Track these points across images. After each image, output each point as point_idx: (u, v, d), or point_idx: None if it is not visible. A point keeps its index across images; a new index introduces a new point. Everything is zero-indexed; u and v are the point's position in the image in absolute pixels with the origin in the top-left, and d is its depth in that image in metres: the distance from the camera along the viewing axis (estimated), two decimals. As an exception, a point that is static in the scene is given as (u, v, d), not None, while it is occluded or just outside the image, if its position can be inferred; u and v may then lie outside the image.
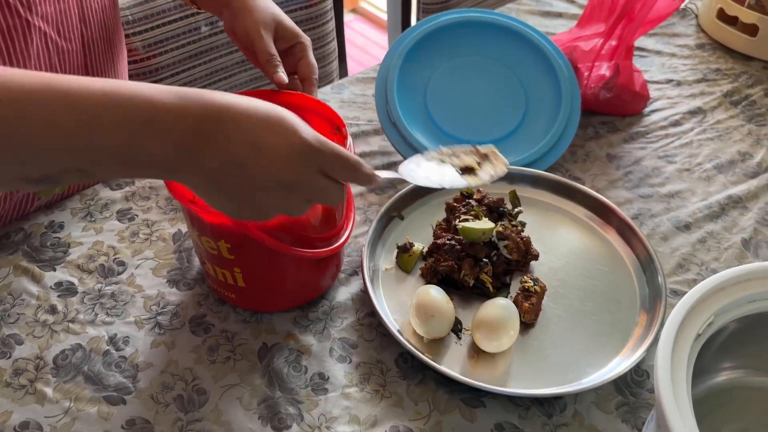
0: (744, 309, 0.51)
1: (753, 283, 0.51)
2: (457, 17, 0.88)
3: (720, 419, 0.55)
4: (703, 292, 0.50)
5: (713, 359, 0.54)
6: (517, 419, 0.57)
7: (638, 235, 0.70)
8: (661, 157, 0.86)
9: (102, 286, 0.67)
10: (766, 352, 0.55)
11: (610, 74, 0.88)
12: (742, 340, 0.54)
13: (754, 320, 0.52)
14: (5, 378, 0.60)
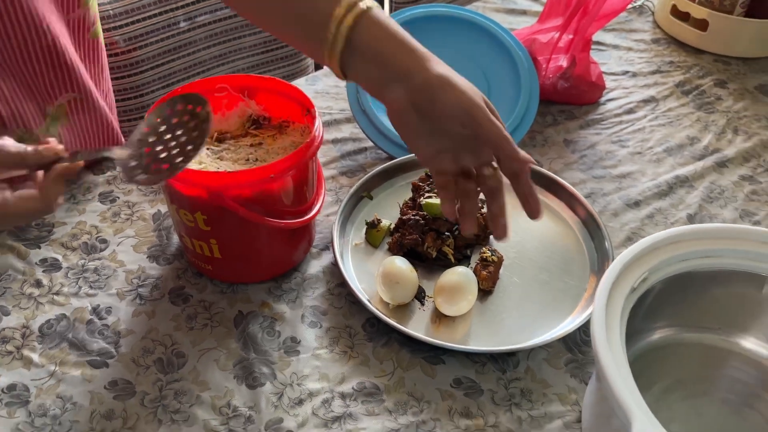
0: (676, 267, 0.56)
1: (685, 243, 0.57)
2: (423, 11, 0.93)
3: (657, 373, 0.60)
4: (638, 251, 0.55)
5: (646, 319, 0.59)
6: (474, 374, 0.62)
7: (588, 209, 0.76)
8: (615, 142, 0.92)
9: (85, 261, 0.71)
10: (695, 308, 0.60)
11: (567, 65, 0.94)
12: (671, 300, 0.59)
13: (684, 279, 0.57)
14: (-7, 346, 0.63)
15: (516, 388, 0.61)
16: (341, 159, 0.87)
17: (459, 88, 0.50)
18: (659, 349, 0.61)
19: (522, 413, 0.59)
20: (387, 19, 0.52)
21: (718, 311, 0.60)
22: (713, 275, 0.57)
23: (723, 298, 0.59)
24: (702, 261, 0.57)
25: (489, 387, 0.61)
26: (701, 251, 0.57)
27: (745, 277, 0.57)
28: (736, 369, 0.59)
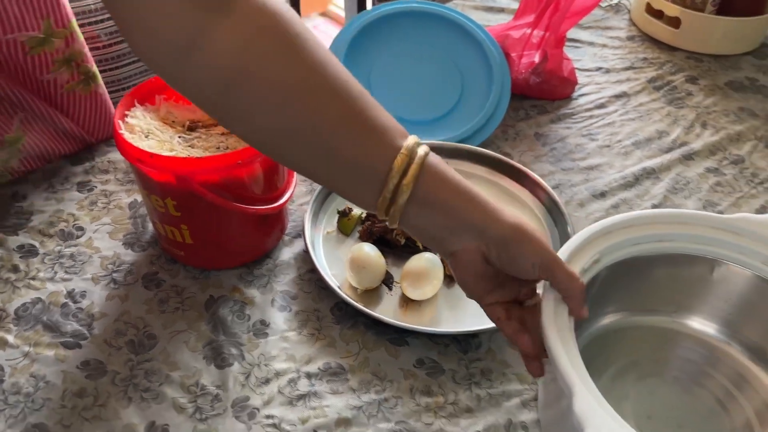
0: (627, 251, 0.58)
1: (637, 228, 0.59)
2: (400, 7, 0.95)
3: (611, 356, 0.61)
4: (589, 234, 0.57)
5: (598, 304, 0.59)
6: (436, 355, 0.64)
7: (552, 197, 0.78)
8: (585, 135, 0.94)
9: (62, 248, 0.73)
10: (646, 292, 0.61)
11: (538, 60, 0.96)
12: (622, 284, 0.60)
13: (635, 263, 0.58)
14: (-30, 328, 0.65)
15: (476, 368, 0.63)
16: (317, 151, 0.89)
17: (535, 241, 0.48)
18: (613, 332, 0.62)
19: (481, 391, 0.61)
20: (443, 163, 0.48)
21: (668, 294, 0.62)
22: (663, 259, 0.59)
23: (673, 281, 0.61)
24: (653, 245, 0.58)
25: (450, 367, 0.63)
26: (652, 235, 0.58)
27: (694, 261, 0.59)
28: (685, 349, 0.61)
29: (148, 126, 0.65)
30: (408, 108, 0.91)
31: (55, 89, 0.78)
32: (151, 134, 0.65)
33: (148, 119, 0.66)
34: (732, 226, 0.58)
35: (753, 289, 0.59)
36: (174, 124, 0.68)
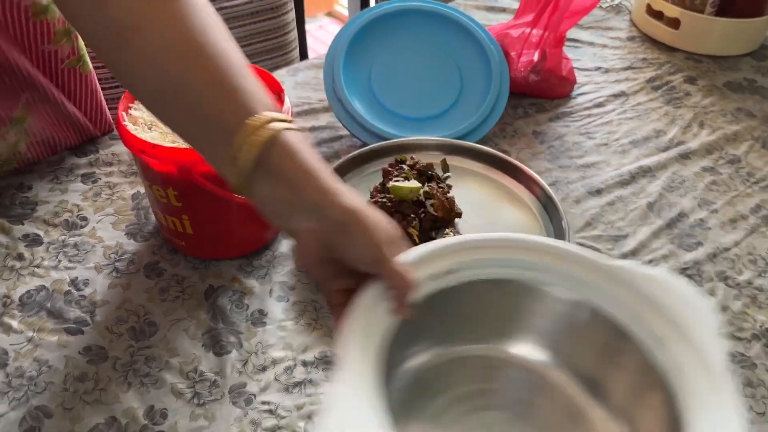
0: (444, 280, 0.52)
1: (455, 254, 0.53)
2: (401, 6, 0.96)
3: (439, 389, 0.54)
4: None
5: (414, 337, 0.54)
6: (430, 346, 0.65)
7: (547, 193, 0.79)
8: (582, 134, 0.95)
9: (66, 237, 0.74)
10: (460, 321, 0.55)
11: (537, 59, 0.97)
12: (441, 313, 0.54)
13: (443, 294, 0.53)
14: (-25, 314, 0.67)
15: (470, 359, 0.65)
16: (317, 146, 0.91)
17: (369, 231, 0.46)
18: (439, 365, 0.55)
19: (473, 382, 0.63)
20: (304, 143, 0.48)
21: (483, 321, 0.56)
22: (469, 287, 0.53)
23: (484, 308, 0.55)
24: (477, 271, 0.53)
25: (444, 358, 0.64)
26: (477, 261, 0.53)
27: (498, 285, 0.54)
28: (511, 376, 0.56)
29: (151, 118, 0.67)
30: (407, 105, 0.92)
31: (56, 63, 0.79)
32: (154, 126, 0.67)
33: (151, 112, 0.68)
34: (556, 251, 0.53)
35: (580, 315, 0.53)
36: (176, 116, 0.69)
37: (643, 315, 0.49)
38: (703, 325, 0.47)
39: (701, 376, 0.44)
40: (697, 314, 0.47)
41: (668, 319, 0.48)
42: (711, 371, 0.44)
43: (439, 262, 0.52)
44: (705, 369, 0.44)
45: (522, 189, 0.82)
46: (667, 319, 0.48)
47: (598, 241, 0.78)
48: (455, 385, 0.55)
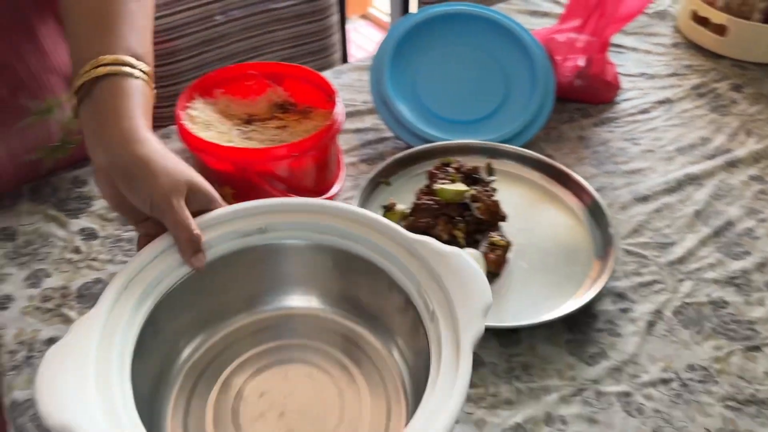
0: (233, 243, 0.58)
1: (240, 221, 0.58)
2: (446, 9, 0.97)
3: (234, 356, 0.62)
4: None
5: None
6: (477, 348, 0.66)
7: (595, 198, 0.79)
8: (627, 140, 0.95)
9: (120, 232, 0.77)
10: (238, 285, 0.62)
11: (583, 65, 0.97)
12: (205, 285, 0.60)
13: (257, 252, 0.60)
14: (35, 303, 0.69)
15: (517, 362, 0.65)
16: (362, 147, 0.92)
17: (155, 178, 0.49)
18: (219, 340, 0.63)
19: (521, 385, 0.63)
20: (143, 91, 0.53)
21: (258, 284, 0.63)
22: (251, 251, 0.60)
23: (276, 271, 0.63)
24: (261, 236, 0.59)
25: (491, 360, 0.65)
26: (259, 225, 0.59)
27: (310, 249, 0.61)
28: (303, 328, 0.64)
29: (208, 118, 0.68)
30: (452, 108, 0.93)
31: None
32: (211, 126, 0.68)
33: (208, 112, 0.69)
34: (368, 221, 0.59)
35: (381, 279, 0.59)
36: (232, 117, 0.71)
37: (425, 286, 0.55)
38: (471, 305, 0.53)
39: (450, 351, 0.50)
40: (470, 293, 0.53)
41: (444, 294, 0.54)
42: (459, 349, 0.50)
43: (251, 220, 0.58)
44: (455, 347, 0.50)
45: (568, 194, 0.82)
46: (444, 293, 0.54)
47: (645, 248, 0.78)
48: (242, 353, 0.61)
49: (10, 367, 0.64)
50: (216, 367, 0.61)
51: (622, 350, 0.67)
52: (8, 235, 0.76)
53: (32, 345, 0.66)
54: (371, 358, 0.62)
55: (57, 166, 0.83)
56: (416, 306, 0.55)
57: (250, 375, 0.60)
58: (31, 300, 0.69)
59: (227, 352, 0.62)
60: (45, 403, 0.44)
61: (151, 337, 0.55)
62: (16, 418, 0.60)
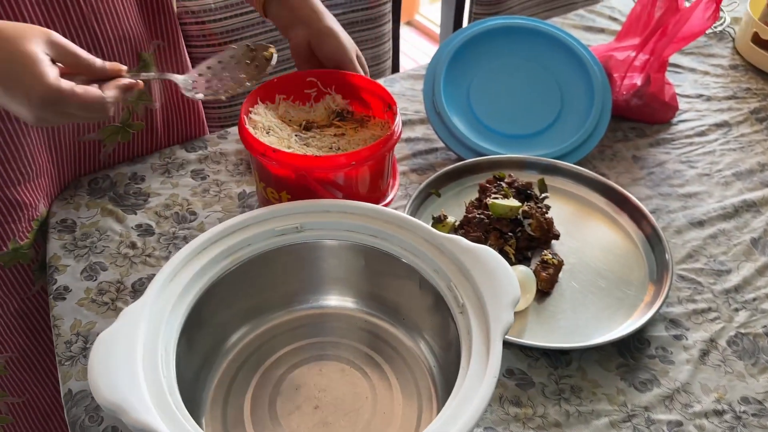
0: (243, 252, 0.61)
1: (277, 220, 0.62)
2: (502, 22, 0.96)
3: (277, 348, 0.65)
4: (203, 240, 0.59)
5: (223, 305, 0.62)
6: (526, 367, 0.65)
7: (651, 222, 0.77)
8: (684, 162, 0.93)
9: (176, 230, 0.78)
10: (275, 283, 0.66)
11: (641, 83, 0.95)
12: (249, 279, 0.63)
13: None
14: (91, 296, 0.71)
15: (566, 384, 0.64)
16: (413, 157, 0.92)
17: (338, 40, 0.72)
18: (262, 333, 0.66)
19: (570, 408, 0.62)
20: None
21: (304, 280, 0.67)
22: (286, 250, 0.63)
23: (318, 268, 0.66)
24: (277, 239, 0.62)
25: (540, 380, 0.64)
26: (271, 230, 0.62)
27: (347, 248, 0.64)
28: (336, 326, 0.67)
29: (269, 123, 0.69)
30: (506, 122, 0.92)
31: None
32: (271, 131, 0.69)
33: (269, 116, 0.70)
34: (398, 221, 0.62)
35: (413, 278, 0.61)
36: (291, 122, 0.72)
37: (455, 281, 0.57)
38: (500, 298, 0.54)
39: (481, 342, 0.52)
40: (498, 287, 0.55)
41: (474, 288, 0.56)
42: (489, 338, 0.52)
43: (288, 220, 0.62)
44: (485, 336, 0.52)
45: (622, 215, 0.81)
46: (473, 288, 0.56)
47: (700, 275, 0.76)
48: (280, 348, 0.65)
49: (66, 357, 0.66)
50: (255, 360, 0.64)
51: (674, 378, 0.66)
52: (67, 227, 0.78)
53: (87, 337, 0.67)
54: (402, 355, 0.65)
55: (115, 156, 0.84)
56: (446, 301, 0.57)
57: (287, 369, 0.63)
58: (87, 292, 0.71)
59: (266, 346, 0.65)
60: (98, 384, 0.47)
61: (197, 327, 0.58)
62: (71, 409, 0.62)
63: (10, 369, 0.83)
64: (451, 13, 1.50)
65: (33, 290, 0.80)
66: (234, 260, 0.60)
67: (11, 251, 0.76)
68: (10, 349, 0.82)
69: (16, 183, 0.74)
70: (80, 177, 0.83)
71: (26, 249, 0.77)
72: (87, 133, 0.79)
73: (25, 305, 0.80)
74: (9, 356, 0.82)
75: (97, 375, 0.47)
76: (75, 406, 0.62)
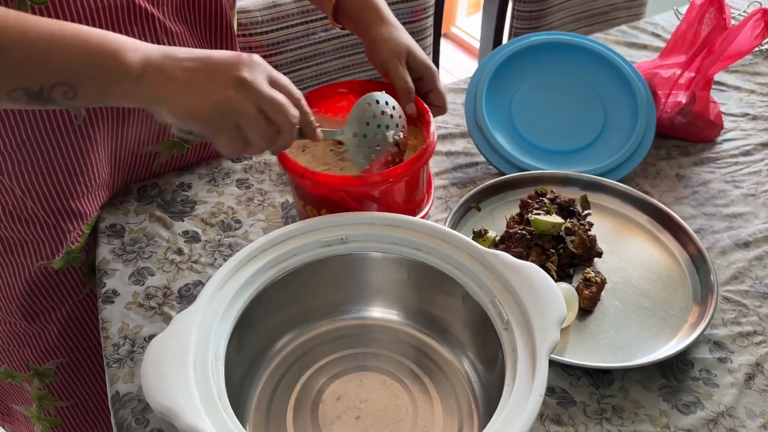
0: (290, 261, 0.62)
1: (323, 231, 0.63)
2: (545, 38, 0.97)
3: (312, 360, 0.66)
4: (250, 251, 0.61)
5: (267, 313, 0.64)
6: (567, 386, 0.65)
7: (696, 243, 0.77)
8: (728, 182, 0.92)
9: (221, 237, 0.80)
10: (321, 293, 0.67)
11: (686, 101, 0.95)
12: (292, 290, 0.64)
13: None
14: (139, 300, 0.73)
15: (608, 404, 0.64)
16: (453, 171, 0.92)
17: (383, 48, 0.72)
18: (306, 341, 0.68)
19: (612, 428, 0.62)
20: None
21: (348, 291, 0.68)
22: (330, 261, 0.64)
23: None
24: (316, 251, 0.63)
25: (581, 399, 0.64)
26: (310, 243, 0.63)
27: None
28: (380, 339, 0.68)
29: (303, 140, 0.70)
30: (548, 138, 0.92)
31: None
32: (306, 147, 0.70)
33: (303, 132, 0.71)
34: (444, 236, 0.62)
35: (456, 293, 0.62)
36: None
37: (499, 297, 0.57)
38: (546, 315, 0.54)
39: (526, 360, 0.52)
40: (544, 304, 0.55)
41: (519, 304, 0.56)
42: (535, 355, 0.52)
43: (334, 231, 0.63)
44: (531, 353, 0.52)
45: (666, 234, 0.80)
46: (518, 304, 0.56)
47: (745, 297, 0.75)
48: (323, 357, 0.66)
49: (114, 360, 0.67)
50: (298, 368, 0.65)
51: (718, 401, 0.65)
52: (116, 232, 0.80)
53: (134, 340, 0.69)
54: (443, 370, 0.65)
55: (166, 166, 0.86)
56: (490, 317, 0.57)
57: (329, 378, 0.64)
58: (135, 296, 0.73)
59: (309, 354, 0.66)
60: (151, 387, 0.48)
61: (246, 331, 0.60)
62: (117, 410, 0.63)
63: (60, 374, 0.85)
64: (492, 27, 1.50)
65: (83, 293, 0.83)
66: (281, 269, 0.61)
67: (64, 255, 0.78)
68: (62, 354, 0.84)
69: (80, 195, 0.76)
70: (131, 184, 0.85)
71: (78, 252, 0.79)
72: (146, 146, 0.82)
73: (76, 308, 0.83)
74: (60, 362, 0.84)
75: (150, 379, 0.49)
76: (122, 408, 0.63)
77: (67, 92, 0.52)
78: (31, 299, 0.79)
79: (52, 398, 0.86)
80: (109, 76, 0.53)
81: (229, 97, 0.54)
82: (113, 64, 0.52)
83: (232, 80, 0.54)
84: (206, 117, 0.54)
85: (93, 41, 0.52)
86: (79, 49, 0.52)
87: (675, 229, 0.80)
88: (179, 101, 0.54)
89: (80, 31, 0.53)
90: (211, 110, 0.54)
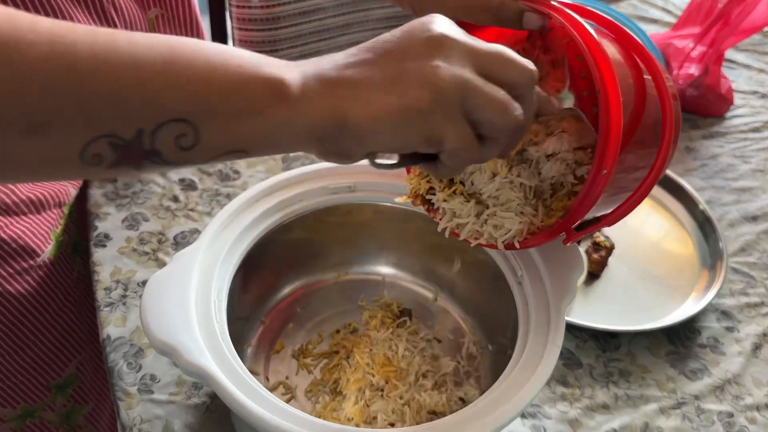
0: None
1: (331, 178, 0.61)
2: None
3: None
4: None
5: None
6: (574, 348, 0.63)
7: (705, 212, 0.75)
8: (737, 157, 0.90)
9: (219, 187, 0.77)
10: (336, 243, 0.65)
11: (698, 74, 0.93)
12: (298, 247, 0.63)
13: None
14: (132, 245, 0.70)
15: (615, 367, 0.62)
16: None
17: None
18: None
19: (619, 391, 0.60)
20: None
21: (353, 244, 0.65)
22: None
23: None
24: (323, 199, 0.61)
25: (588, 362, 0.62)
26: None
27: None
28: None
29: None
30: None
31: None
32: None
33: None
34: None
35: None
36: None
37: (513, 253, 0.55)
38: (562, 272, 0.52)
39: (540, 315, 0.51)
40: (561, 261, 0.53)
41: (533, 258, 0.54)
42: (549, 313, 0.50)
43: (341, 178, 0.61)
44: (545, 308, 0.51)
45: (675, 203, 0.79)
46: (533, 259, 0.54)
47: (753, 269, 0.74)
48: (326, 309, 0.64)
49: (106, 304, 0.65)
50: (304, 316, 0.63)
51: (725, 369, 0.64)
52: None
53: (127, 285, 0.66)
54: (448, 328, 0.63)
55: None
56: (503, 273, 0.55)
57: (332, 331, 0.62)
58: (128, 241, 0.70)
59: (312, 305, 0.64)
60: (150, 324, 0.46)
61: (249, 275, 0.57)
62: (109, 354, 0.61)
63: (80, 375, 0.79)
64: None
65: (74, 276, 0.75)
66: (286, 214, 0.59)
67: (54, 242, 0.71)
68: (77, 352, 0.77)
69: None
70: None
71: (61, 236, 0.72)
72: None
73: (70, 295, 0.75)
74: (80, 360, 0.77)
75: (150, 315, 0.46)
76: (113, 352, 0.61)
77: (183, 135, 0.35)
78: (32, 299, 0.70)
79: (80, 406, 0.80)
80: (253, 102, 0.35)
81: (438, 68, 0.36)
82: (259, 85, 0.35)
83: (428, 63, 0.36)
84: (420, 101, 0.36)
85: (217, 60, 0.35)
86: (205, 68, 0.35)
87: (685, 199, 0.78)
88: (370, 101, 0.36)
89: (197, 45, 0.36)
90: (420, 93, 0.36)
